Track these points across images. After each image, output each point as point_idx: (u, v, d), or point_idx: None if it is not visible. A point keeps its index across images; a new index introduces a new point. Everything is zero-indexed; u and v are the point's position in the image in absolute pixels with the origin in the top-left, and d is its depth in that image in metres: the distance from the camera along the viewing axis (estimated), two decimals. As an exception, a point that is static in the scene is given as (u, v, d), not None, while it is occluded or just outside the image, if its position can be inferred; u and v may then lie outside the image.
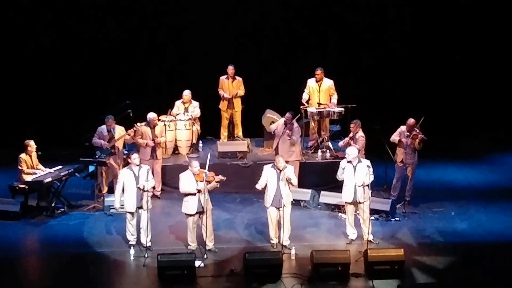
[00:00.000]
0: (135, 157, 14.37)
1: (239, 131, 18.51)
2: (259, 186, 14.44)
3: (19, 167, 15.98)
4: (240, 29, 20.17)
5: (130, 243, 14.32)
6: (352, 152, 14.63)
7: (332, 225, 15.63)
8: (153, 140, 16.62)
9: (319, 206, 16.54)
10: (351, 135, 16.43)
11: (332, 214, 16.20)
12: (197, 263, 13.50)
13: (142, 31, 20.05)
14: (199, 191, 13.94)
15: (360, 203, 14.56)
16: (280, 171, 14.20)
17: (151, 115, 16.74)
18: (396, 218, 15.92)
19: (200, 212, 14.06)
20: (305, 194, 16.54)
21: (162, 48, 20.15)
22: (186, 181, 14.02)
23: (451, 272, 13.76)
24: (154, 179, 15.08)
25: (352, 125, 16.49)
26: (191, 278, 13.23)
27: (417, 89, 20.47)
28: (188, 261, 13.33)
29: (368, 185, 14.41)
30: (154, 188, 14.74)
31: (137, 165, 14.31)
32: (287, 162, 14.69)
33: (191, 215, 14.09)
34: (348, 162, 14.59)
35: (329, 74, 17.88)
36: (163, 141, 17.01)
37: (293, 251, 14.14)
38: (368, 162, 14.66)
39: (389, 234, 15.20)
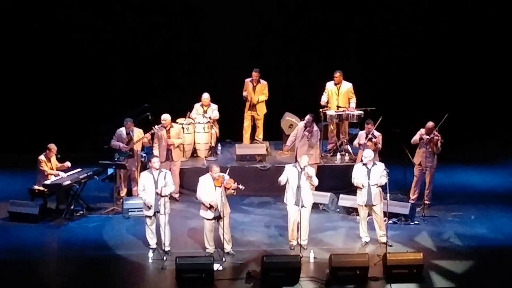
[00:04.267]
0: (155, 161, 14.38)
1: (259, 134, 18.48)
2: (280, 178, 14.43)
3: (40, 168, 16.04)
4: (259, 31, 20.14)
5: (150, 246, 14.34)
6: (369, 154, 14.65)
7: (351, 229, 15.56)
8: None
9: (338, 210, 16.49)
10: (369, 136, 16.34)
11: (351, 217, 16.14)
12: (216, 266, 13.50)
13: (162, 33, 20.06)
14: (211, 206, 13.93)
15: (373, 205, 14.54)
16: (302, 169, 14.20)
17: (162, 116, 16.72)
18: (415, 222, 15.86)
19: (218, 217, 14.06)
20: (324, 197, 16.49)
21: (181, 51, 20.15)
22: (204, 188, 14.02)
23: (470, 276, 13.70)
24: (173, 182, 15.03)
25: (369, 126, 16.39)
26: (209, 281, 13.23)
27: (437, 92, 20.36)
28: (207, 264, 13.32)
29: (382, 188, 14.42)
30: (172, 193, 14.68)
31: (157, 169, 14.32)
32: (305, 165, 14.67)
33: (208, 219, 14.09)
34: (363, 165, 14.59)
35: (348, 77, 17.84)
36: (177, 143, 16.81)
37: (311, 255, 14.11)
38: (382, 165, 14.66)
39: (408, 238, 15.14)
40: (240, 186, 14.13)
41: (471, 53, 20.46)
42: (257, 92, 18.07)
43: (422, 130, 16.40)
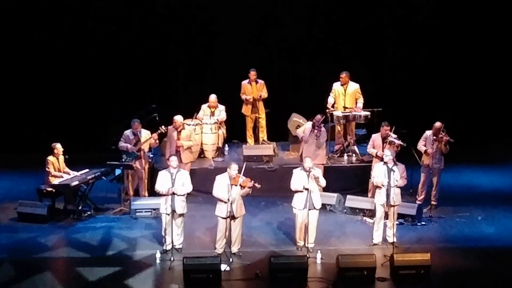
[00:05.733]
0: (172, 160, 14.41)
1: (264, 135, 18.50)
2: (293, 187, 14.36)
3: (47, 169, 16.12)
4: (265, 32, 20.18)
5: (165, 246, 14.32)
6: (389, 153, 14.64)
7: (358, 229, 15.59)
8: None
9: (345, 210, 16.50)
10: (389, 139, 16.22)
11: (357, 218, 16.15)
12: (223, 266, 13.52)
13: (169, 35, 20.11)
14: (229, 200, 13.97)
15: (392, 206, 14.55)
16: (308, 172, 14.20)
17: (174, 117, 16.75)
18: (422, 223, 15.87)
19: (232, 217, 14.09)
20: (331, 198, 16.50)
21: (188, 52, 20.19)
22: (220, 186, 14.05)
23: (477, 277, 13.68)
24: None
25: (387, 128, 16.32)
26: (216, 281, 13.25)
27: (443, 93, 20.36)
28: (214, 265, 13.34)
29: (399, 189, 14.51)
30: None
31: (175, 168, 14.35)
32: (311, 165, 14.66)
33: (223, 218, 14.12)
34: (384, 163, 14.59)
35: (355, 77, 17.86)
36: (186, 145, 16.76)
37: (318, 256, 14.12)
38: (403, 166, 14.67)
39: (415, 239, 15.15)
40: (256, 184, 14.15)
41: (480, 53, 20.44)
42: (257, 91, 18.09)
43: (427, 133, 16.38)
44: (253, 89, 18.10)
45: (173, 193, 14.17)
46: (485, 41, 20.45)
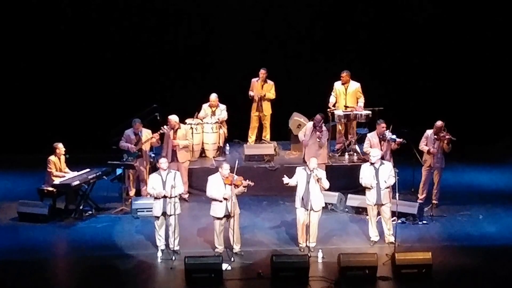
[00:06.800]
0: (162, 162, 14.42)
1: (267, 134, 18.49)
2: (288, 180, 14.37)
3: (48, 169, 16.11)
4: (267, 31, 20.17)
5: (159, 248, 14.38)
6: (376, 153, 14.64)
7: (359, 228, 15.58)
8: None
9: (346, 209, 16.50)
10: (387, 138, 16.20)
11: (359, 217, 16.15)
12: (224, 266, 13.53)
13: (170, 34, 20.11)
14: (225, 199, 13.97)
15: (382, 205, 14.55)
16: (311, 172, 14.18)
17: (169, 117, 16.71)
18: (424, 221, 15.87)
19: (228, 216, 14.09)
20: (332, 197, 16.49)
21: (190, 51, 20.18)
22: (214, 186, 14.06)
23: (479, 275, 13.68)
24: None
25: (383, 125, 16.29)
26: (218, 281, 13.27)
27: (445, 92, 20.35)
28: (215, 264, 13.36)
29: (390, 187, 14.42)
30: (181, 194, 14.73)
31: (165, 170, 14.36)
32: (313, 165, 14.64)
33: (218, 218, 14.12)
34: (371, 164, 14.59)
35: (356, 77, 17.84)
36: (182, 144, 16.69)
37: (320, 255, 14.12)
38: (390, 164, 14.66)
39: (416, 237, 15.16)
40: (250, 182, 14.15)
41: (481, 53, 20.44)
42: (264, 91, 18.08)
43: (428, 132, 16.38)
44: (259, 88, 18.05)
45: (164, 196, 14.18)
46: (486, 41, 20.44)
